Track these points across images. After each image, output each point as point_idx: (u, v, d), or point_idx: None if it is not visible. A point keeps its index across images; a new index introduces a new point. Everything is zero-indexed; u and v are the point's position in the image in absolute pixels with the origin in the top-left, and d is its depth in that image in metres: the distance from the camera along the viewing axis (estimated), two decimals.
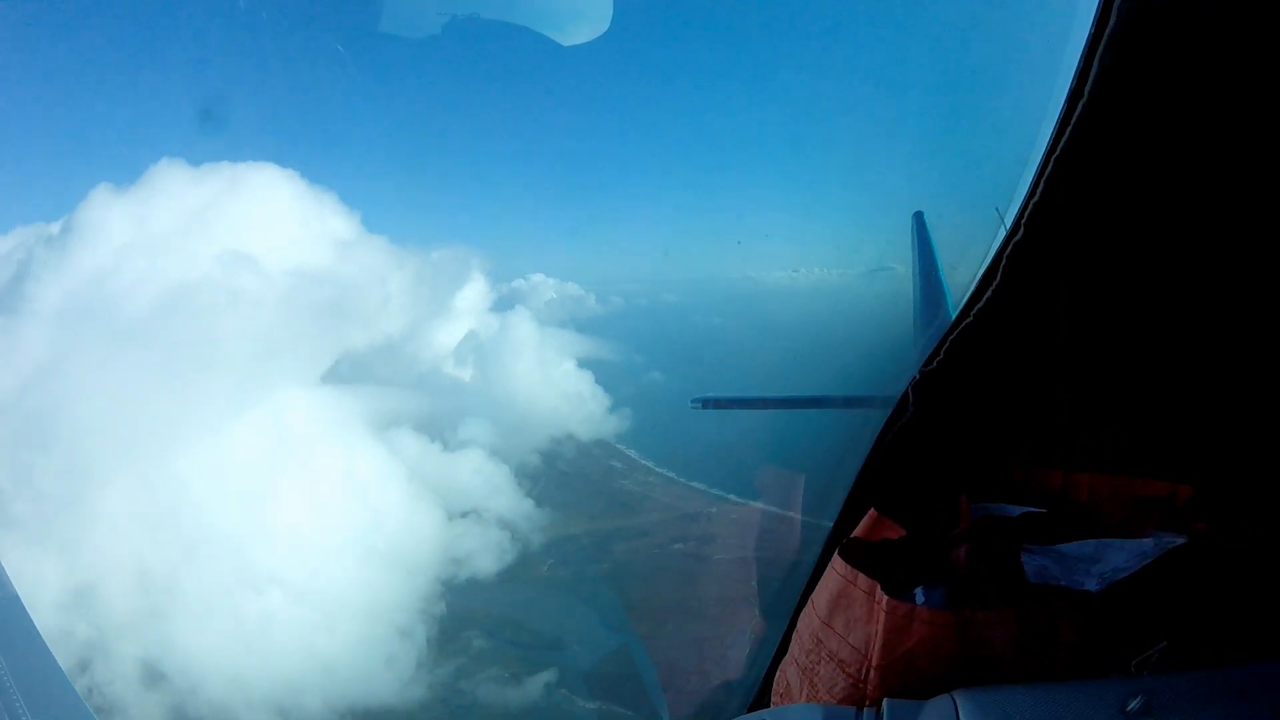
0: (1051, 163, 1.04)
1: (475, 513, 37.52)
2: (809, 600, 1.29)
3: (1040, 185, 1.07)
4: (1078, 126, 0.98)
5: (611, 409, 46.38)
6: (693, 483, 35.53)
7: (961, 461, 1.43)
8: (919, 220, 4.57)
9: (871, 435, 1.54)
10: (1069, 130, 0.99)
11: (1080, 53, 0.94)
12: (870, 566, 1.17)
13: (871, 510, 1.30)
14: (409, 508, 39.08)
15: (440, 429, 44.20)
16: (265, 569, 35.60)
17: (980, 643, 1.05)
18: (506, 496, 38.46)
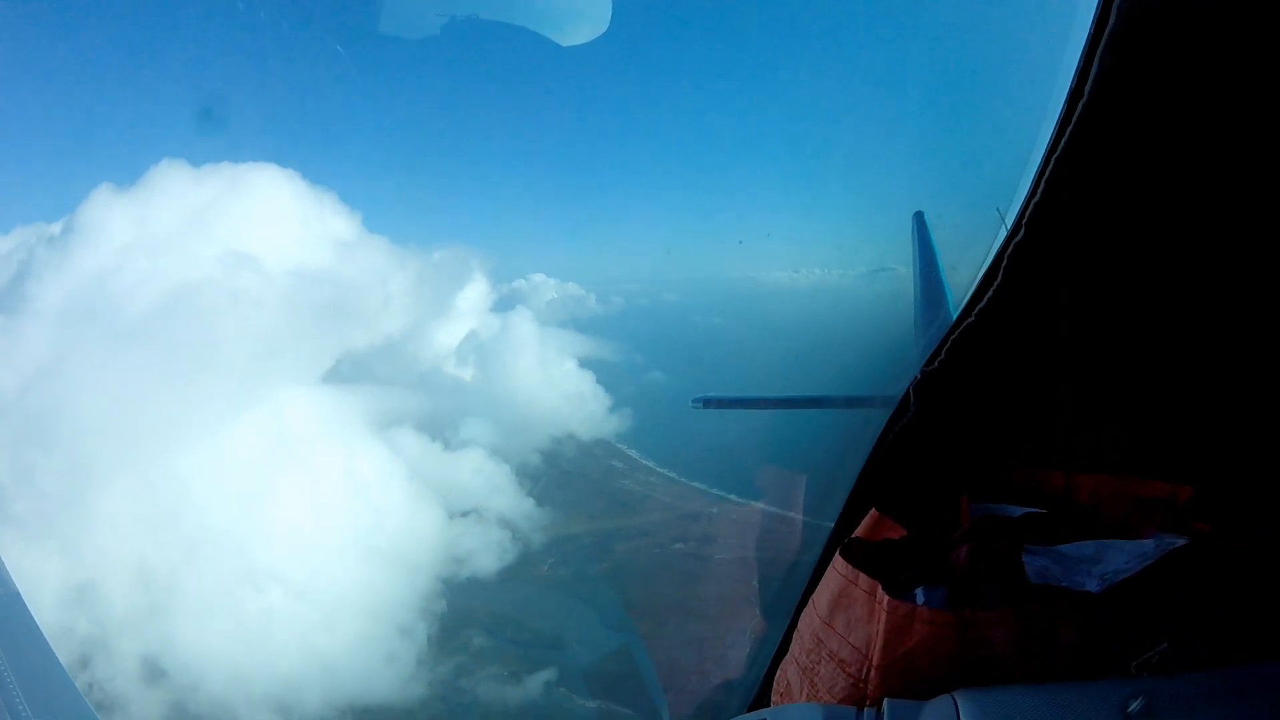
0: (1052, 163, 1.04)
1: (476, 512, 37.53)
2: (810, 600, 1.29)
3: (1041, 185, 1.07)
4: (1078, 127, 0.98)
5: (612, 409, 46.39)
6: (693, 482, 35.48)
7: (962, 462, 1.43)
8: (920, 220, 4.58)
9: (873, 435, 1.54)
10: (1069, 130, 0.99)
11: (1080, 53, 0.94)
12: (871, 566, 1.17)
13: (872, 510, 1.30)
14: (410, 507, 39.11)
15: (441, 428, 44.22)
16: (266, 567, 35.64)
17: (981, 643, 1.05)
18: (507, 496, 38.45)
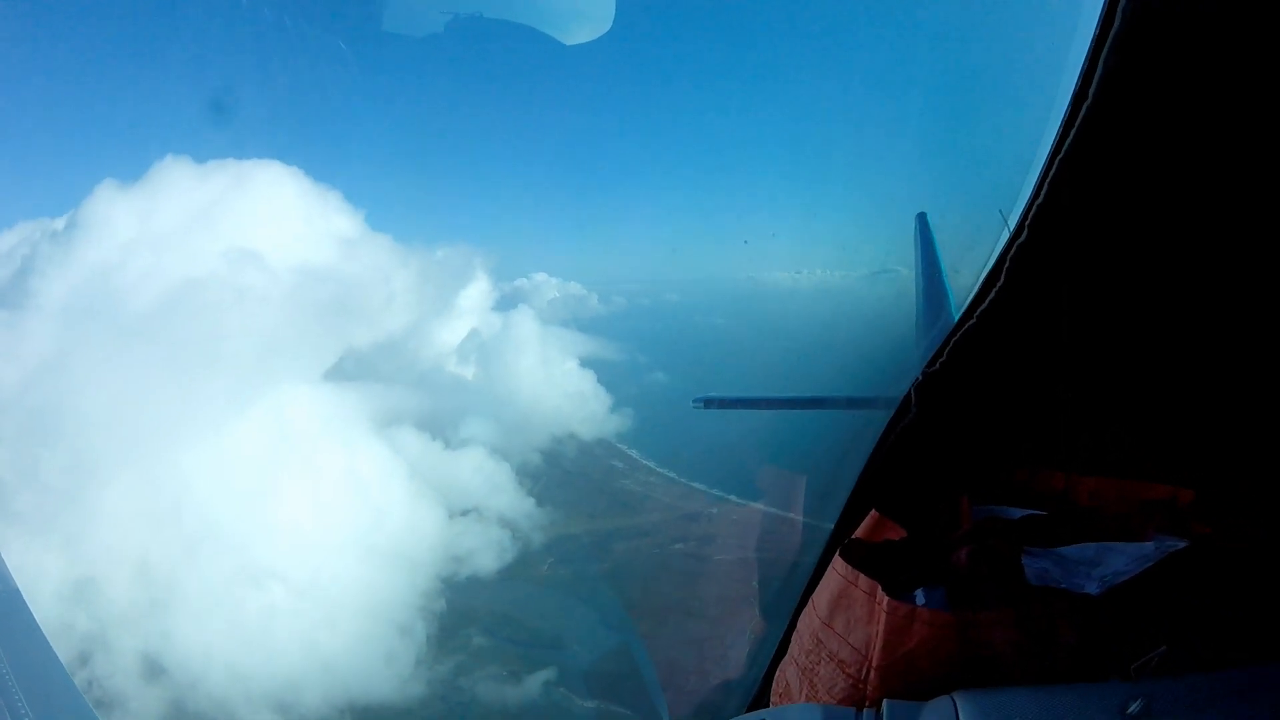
0: (1055, 164, 1.04)
1: (476, 511, 37.56)
2: (809, 600, 1.29)
3: (1044, 187, 1.07)
4: (1081, 128, 0.98)
5: (613, 409, 46.43)
6: (694, 483, 35.46)
7: (963, 463, 1.43)
8: (922, 222, 4.56)
9: (874, 436, 1.54)
10: (1073, 132, 0.99)
11: (1084, 54, 0.94)
12: (871, 567, 1.17)
13: (873, 511, 1.30)
14: (410, 505, 39.16)
15: (442, 427, 44.29)
16: (266, 565, 35.71)
17: (980, 644, 1.05)
18: (507, 495, 38.48)
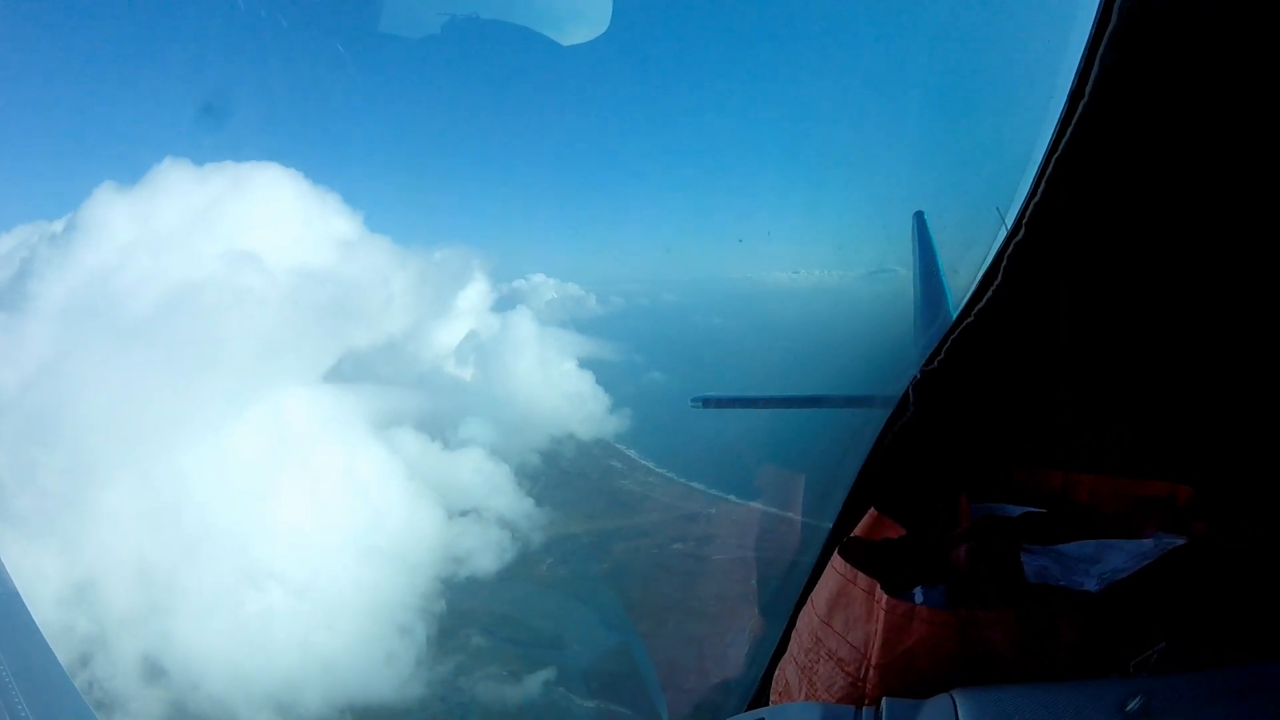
0: (1052, 163, 1.04)
1: (475, 511, 37.57)
2: (808, 599, 1.29)
3: (1041, 185, 1.07)
4: (1079, 126, 0.98)
5: (612, 409, 46.48)
6: (692, 482, 35.50)
7: (962, 461, 1.43)
8: (920, 220, 4.57)
9: (872, 435, 1.54)
10: (1070, 130, 0.99)
11: (1081, 52, 0.94)
12: (870, 565, 1.17)
13: (871, 510, 1.30)
14: (409, 506, 39.16)
15: (441, 428, 44.31)
16: (266, 566, 35.71)
17: (980, 642, 1.05)
18: (506, 495, 38.50)
